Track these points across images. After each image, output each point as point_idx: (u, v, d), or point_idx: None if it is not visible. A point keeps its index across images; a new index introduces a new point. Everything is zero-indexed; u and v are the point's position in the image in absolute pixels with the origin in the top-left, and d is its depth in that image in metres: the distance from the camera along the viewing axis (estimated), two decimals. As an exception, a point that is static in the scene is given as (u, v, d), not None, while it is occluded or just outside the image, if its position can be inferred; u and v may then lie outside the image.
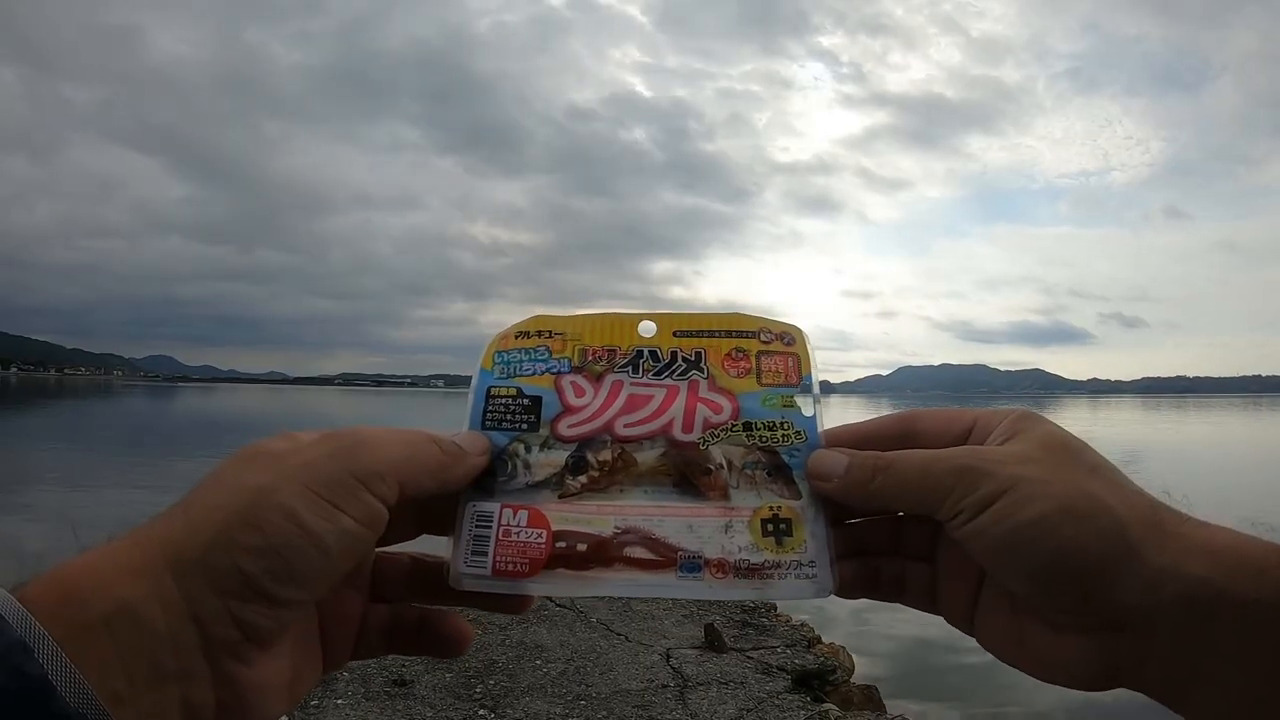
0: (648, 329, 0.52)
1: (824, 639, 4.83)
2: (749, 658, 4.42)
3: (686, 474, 0.47)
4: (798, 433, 0.48)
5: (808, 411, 0.49)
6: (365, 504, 0.39)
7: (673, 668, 4.23)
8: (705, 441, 0.48)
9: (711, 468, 0.47)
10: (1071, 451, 0.41)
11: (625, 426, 0.48)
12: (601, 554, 0.44)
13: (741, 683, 4.05)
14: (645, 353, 0.51)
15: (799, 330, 0.52)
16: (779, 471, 0.47)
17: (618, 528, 0.45)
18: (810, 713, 3.73)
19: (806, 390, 0.50)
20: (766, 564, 0.44)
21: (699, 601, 5.35)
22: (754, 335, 0.52)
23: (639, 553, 0.45)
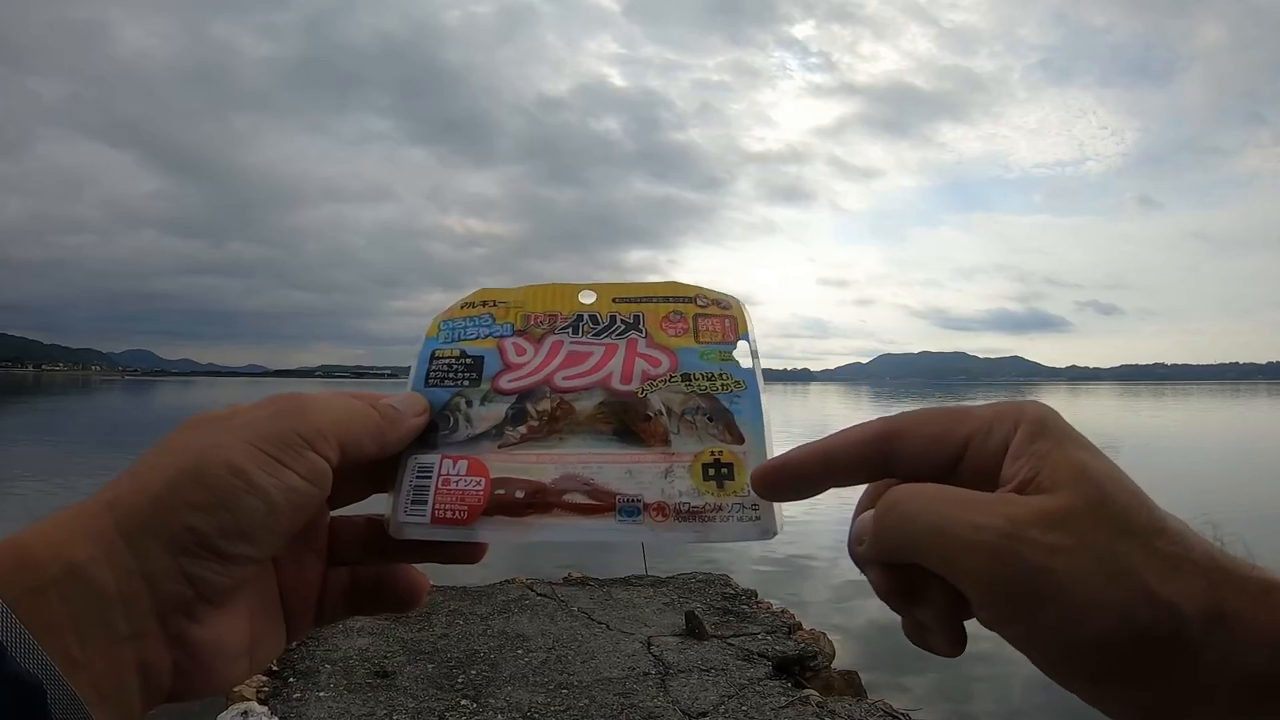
0: (588, 297, 0.54)
1: (805, 625, 4.86)
2: (730, 644, 4.44)
3: (626, 422, 0.47)
4: (737, 382, 0.49)
5: (745, 365, 0.50)
6: (309, 461, 0.39)
7: (654, 655, 4.25)
8: (644, 390, 0.48)
9: (651, 414, 0.47)
10: (1120, 511, 0.34)
11: (564, 379, 0.49)
12: (540, 500, 0.44)
13: (723, 669, 4.07)
14: (585, 317, 0.53)
15: (736, 299, 0.54)
16: (720, 415, 0.47)
17: (556, 475, 0.45)
18: (791, 698, 3.76)
19: (745, 349, 0.51)
20: (708, 506, 0.44)
21: (680, 589, 5.39)
22: (690, 300, 0.53)
23: (578, 499, 0.44)
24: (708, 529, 0.44)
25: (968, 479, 0.38)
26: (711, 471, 0.45)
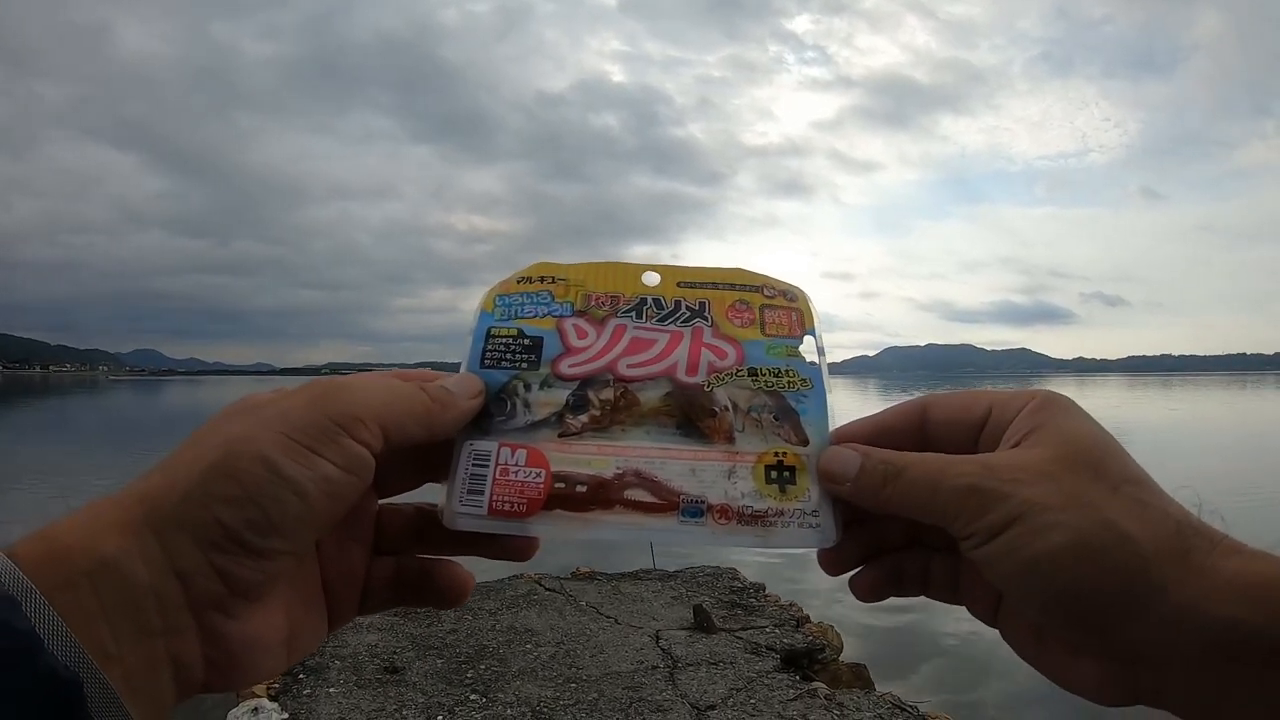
0: (651, 279, 0.52)
1: (812, 618, 4.86)
2: (738, 638, 4.45)
3: (690, 416, 0.46)
4: (804, 380, 0.48)
5: (811, 362, 0.49)
6: (346, 449, 0.37)
7: (662, 649, 4.26)
8: (710, 384, 0.47)
9: (716, 410, 0.46)
10: (1093, 461, 0.38)
11: (628, 367, 0.48)
12: (601, 495, 0.43)
13: (731, 663, 4.08)
14: (649, 300, 0.51)
15: (801, 290, 0.52)
16: (786, 414, 0.46)
17: (619, 469, 0.44)
18: (800, 691, 3.76)
19: (811, 344, 0.50)
20: (770, 511, 0.43)
21: (688, 582, 5.40)
22: (757, 290, 0.52)
23: (640, 495, 0.43)
24: (769, 534, 0.43)
25: (986, 444, 0.42)
26: (774, 474, 0.44)
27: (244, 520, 0.35)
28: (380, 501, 0.45)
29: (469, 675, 3.90)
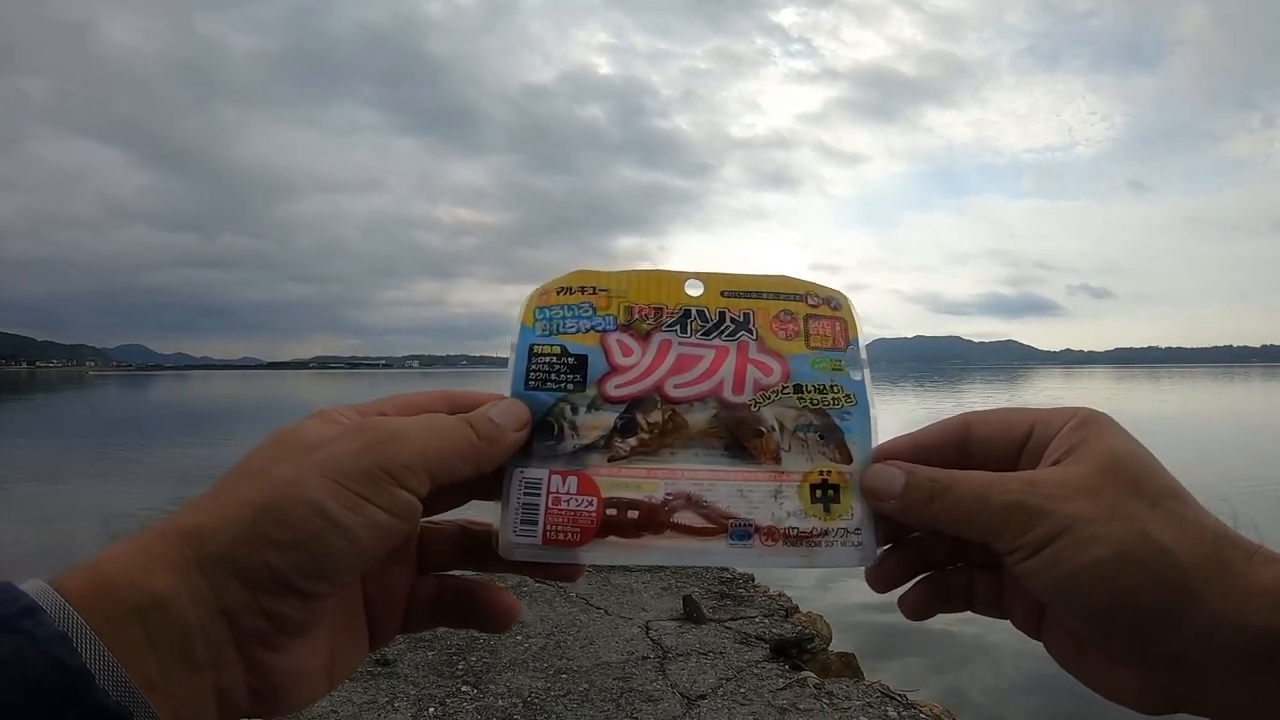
0: (695, 288, 0.51)
1: (801, 608, 4.89)
2: (727, 628, 4.47)
3: (738, 436, 0.46)
4: (848, 396, 0.48)
5: (856, 376, 0.49)
6: (395, 497, 0.38)
7: (652, 639, 4.28)
8: (757, 404, 0.47)
9: (763, 430, 0.46)
10: (1133, 477, 0.39)
11: (675, 388, 0.47)
12: (653, 520, 0.44)
13: (720, 653, 4.10)
14: (693, 312, 0.50)
15: (844, 295, 0.51)
16: (831, 434, 0.47)
17: (669, 493, 0.44)
18: (789, 680, 3.79)
19: (855, 355, 0.50)
20: (815, 531, 0.44)
21: (677, 573, 5.41)
22: (801, 298, 0.51)
23: (689, 519, 0.44)
24: (813, 554, 0.44)
25: (1028, 461, 0.43)
26: (819, 493, 0.45)
27: (294, 564, 0.36)
28: (422, 521, 0.45)
29: (460, 667, 3.91)
